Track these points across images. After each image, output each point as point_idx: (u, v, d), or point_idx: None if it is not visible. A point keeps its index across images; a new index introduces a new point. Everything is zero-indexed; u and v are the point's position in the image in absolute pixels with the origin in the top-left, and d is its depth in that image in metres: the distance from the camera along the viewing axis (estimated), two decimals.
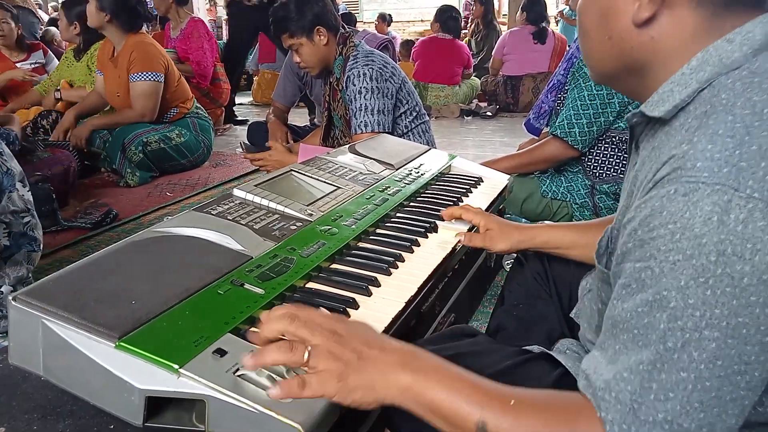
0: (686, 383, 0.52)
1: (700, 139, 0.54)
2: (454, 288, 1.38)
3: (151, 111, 3.20)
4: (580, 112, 2.10)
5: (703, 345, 0.51)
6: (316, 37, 2.19)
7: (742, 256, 0.49)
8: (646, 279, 0.54)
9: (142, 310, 0.78)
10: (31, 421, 0.78)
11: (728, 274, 0.50)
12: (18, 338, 0.79)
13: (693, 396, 0.52)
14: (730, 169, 0.51)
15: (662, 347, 0.53)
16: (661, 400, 0.52)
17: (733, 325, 0.50)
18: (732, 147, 0.52)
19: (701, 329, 0.51)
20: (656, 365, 0.53)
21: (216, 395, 0.68)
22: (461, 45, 5.58)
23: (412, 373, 0.61)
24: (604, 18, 0.66)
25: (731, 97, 0.56)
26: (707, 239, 0.50)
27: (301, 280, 0.98)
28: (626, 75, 0.68)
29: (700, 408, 0.52)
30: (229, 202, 1.18)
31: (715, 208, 0.50)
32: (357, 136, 2.18)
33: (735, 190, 0.50)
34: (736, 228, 0.49)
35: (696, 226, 0.51)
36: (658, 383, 0.53)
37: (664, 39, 0.62)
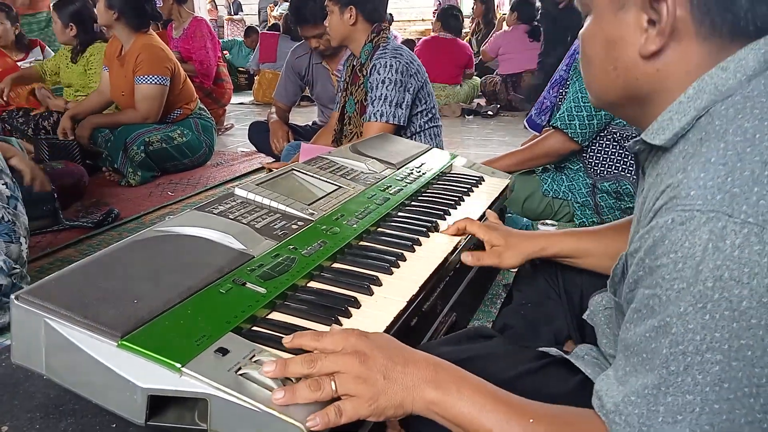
0: (693, 406, 0.52)
1: (693, 168, 0.55)
2: (455, 287, 1.38)
3: (155, 114, 3.20)
4: (581, 105, 2.10)
5: (706, 368, 0.52)
6: (347, 13, 2.23)
7: (739, 280, 0.50)
8: (654, 306, 0.55)
9: (144, 309, 0.78)
10: (34, 420, 0.78)
11: (726, 298, 0.50)
12: (20, 337, 0.79)
13: (702, 419, 0.52)
14: (723, 195, 0.52)
15: (665, 371, 0.54)
16: (669, 422, 0.53)
17: (736, 348, 0.51)
18: (724, 174, 0.53)
19: (702, 352, 0.52)
20: (660, 388, 0.54)
21: (218, 394, 0.68)
22: (463, 44, 5.58)
23: (436, 388, 0.65)
24: (610, 48, 0.65)
25: (724, 123, 0.56)
26: (704, 266, 0.51)
27: (302, 279, 0.98)
28: (629, 104, 0.68)
29: (710, 431, 0.52)
30: (231, 202, 1.18)
31: (711, 235, 0.51)
32: (369, 124, 2.19)
33: (729, 216, 0.51)
34: (733, 253, 0.50)
35: (696, 254, 0.52)
36: (665, 406, 0.54)
37: (670, 71, 0.62)
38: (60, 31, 3.39)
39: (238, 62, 7.54)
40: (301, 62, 3.17)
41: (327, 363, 0.66)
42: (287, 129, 3.15)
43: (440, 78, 5.33)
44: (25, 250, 1.68)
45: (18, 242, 1.65)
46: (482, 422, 0.62)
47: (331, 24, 2.30)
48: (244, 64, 7.31)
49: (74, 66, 3.51)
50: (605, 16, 0.65)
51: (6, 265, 1.58)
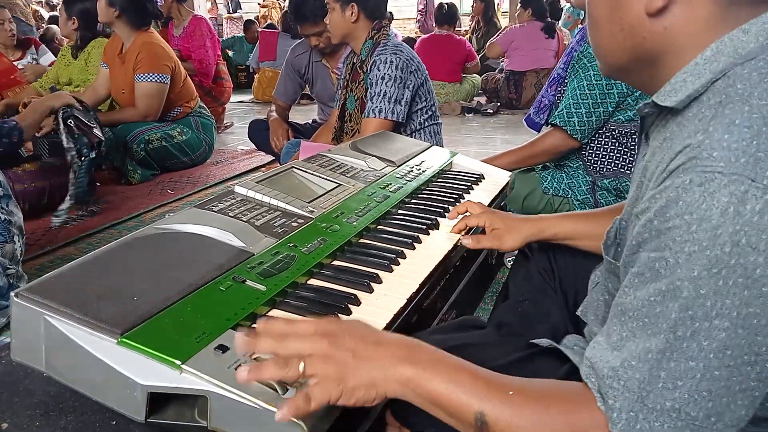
0: (695, 372, 0.52)
1: (716, 129, 0.53)
2: (455, 284, 1.38)
3: (155, 112, 3.20)
4: (579, 102, 2.11)
5: (713, 334, 0.51)
6: (348, 11, 2.23)
7: (756, 247, 0.49)
8: (661, 269, 0.54)
9: (144, 307, 0.78)
10: (34, 417, 0.78)
11: (741, 264, 0.50)
12: (20, 334, 0.79)
13: (701, 385, 0.52)
14: (747, 159, 0.50)
15: (672, 336, 0.53)
16: (669, 388, 0.53)
17: (744, 315, 0.50)
18: (749, 137, 0.51)
19: (711, 319, 0.51)
20: (665, 354, 0.53)
21: (218, 391, 0.68)
22: (459, 39, 5.57)
23: (411, 365, 0.62)
24: (615, 8, 0.64)
25: (747, 87, 0.55)
26: (722, 230, 0.50)
27: (302, 276, 0.98)
28: (638, 67, 0.67)
29: (708, 397, 0.52)
30: (231, 199, 1.18)
31: (732, 198, 0.50)
32: (368, 120, 2.18)
33: (752, 180, 0.49)
34: (752, 219, 0.49)
35: (713, 217, 0.50)
36: (666, 371, 0.53)
37: (678, 29, 0.60)
38: (63, 23, 3.41)
39: (241, 59, 7.53)
40: (301, 60, 3.16)
41: (295, 342, 0.63)
42: (287, 127, 3.15)
43: (439, 75, 5.32)
44: (19, 249, 1.67)
45: (12, 241, 1.65)
46: (459, 397, 0.60)
47: (332, 21, 2.30)
48: (246, 61, 7.30)
49: (74, 62, 3.50)
50: None
51: (1, 266, 1.58)
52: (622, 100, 2.03)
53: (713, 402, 0.52)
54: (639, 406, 0.54)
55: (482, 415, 0.59)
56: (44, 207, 2.55)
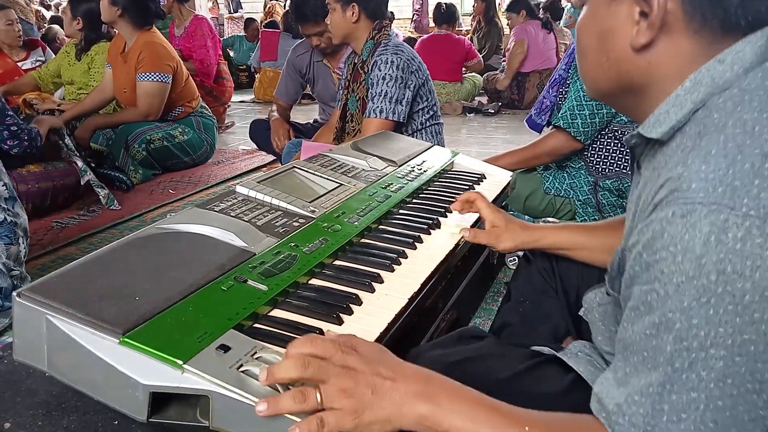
0: (697, 403, 0.52)
1: (693, 161, 0.54)
2: (456, 285, 1.38)
3: (156, 111, 3.21)
4: (583, 104, 2.11)
5: (710, 364, 0.51)
6: (349, 11, 2.23)
7: (742, 273, 0.49)
8: (653, 302, 0.55)
9: (146, 306, 0.78)
10: (36, 417, 0.78)
11: (729, 292, 0.50)
12: (22, 334, 0.79)
13: (706, 416, 0.52)
14: (724, 188, 0.51)
15: (670, 368, 0.53)
16: (674, 421, 0.53)
17: (739, 343, 0.50)
18: (725, 166, 0.52)
19: (707, 348, 0.51)
20: (665, 387, 0.53)
21: (220, 391, 0.68)
22: (459, 39, 5.56)
23: (428, 402, 0.62)
24: (603, 39, 0.66)
25: (723, 116, 0.56)
26: (707, 259, 0.50)
27: (304, 276, 0.98)
28: (623, 95, 0.68)
29: (714, 428, 0.52)
30: (232, 199, 1.18)
31: (713, 228, 0.50)
32: (369, 121, 2.18)
33: (731, 209, 0.50)
34: (735, 246, 0.50)
35: (696, 247, 0.51)
36: (669, 405, 0.53)
37: (662, 63, 0.62)
38: (68, 22, 3.41)
39: (242, 59, 7.53)
40: (302, 60, 3.16)
41: (317, 370, 0.63)
42: (288, 127, 3.15)
43: (440, 75, 5.32)
44: (23, 251, 1.67)
45: (17, 243, 1.65)
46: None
47: (333, 22, 2.30)
48: (247, 60, 7.30)
49: (77, 63, 3.51)
50: (599, 7, 0.65)
51: (5, 267, 1.58)
52: None
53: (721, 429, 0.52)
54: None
55: None
56: (47, 208, 2.56)
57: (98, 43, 3.44)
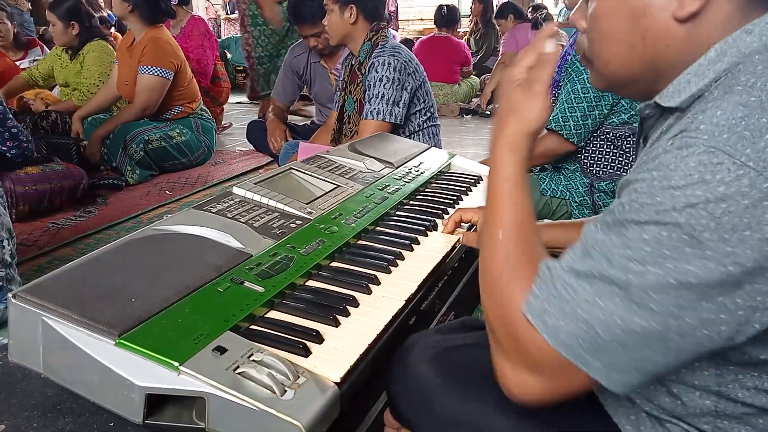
0: (616, 297, 0.54)
1: (711, 107, 0.55)
2: (454, 286, 1.38)
3: (152, 105, 3.21)
4: (575, 105, 2.12)
5: (644, 276, 0.53)
6: (347, 12, 2.23)
7: (712, 213, 0.50)
8: (615, 210, 0.57)
9: (142, 308, 0.78)
10: (31, 419, 0.78)
11: (691, 225, 0.51)
12: (18, 336, 0.79)
13: (617, 311, 0.54)
14: (730, 135, 0.51)
15: (605, 262, 0.55)
16: (588, 302, 0.56)
17: (680, 270, 0.51)
18: (740, 116, 0.52)
19: (646, 263, 0.53)
20: (594, 272, 0.56)
21: (216, 393, 0.68)
22: (458, 42, 5.57)
23: (505, 144, 0.83)
24: (637, 18, 0.63)
25: (752, 77, 0.55)
26: (680, 192, 0.51)
27: (301, 278, 0.98)
28: (645, 77, 0.66)
29: (620, 325, 0.54)
30: (229, 200, 1.17)
31: (699, 166, 0.51)
32: (366, 122, 2.18)
33: (729, 156, 0.50)
34: (717, 188, 0.50)
35: (674, 178, 0.52)
36: (592, 286, 0.56)
37: (702, 33, 0.60)
38: (61, 32, 3.33)
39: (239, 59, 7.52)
40: (299, 61, 3.16)
41: None
42: (285, 128, 3.15)
43: (438, 77, 5.32)
44: (8, 252, 1.65)
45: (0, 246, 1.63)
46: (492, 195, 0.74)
47: (330, 23, 2.30)
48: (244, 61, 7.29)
49: (71, 64, 3.49)
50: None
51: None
52: (616, 102, 2.04)
53: (624, 333, 0.54)
54: (556, 303, 0.58)
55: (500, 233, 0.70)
56: (44, 210, 2.56)
57: (90, 42, 3.43)
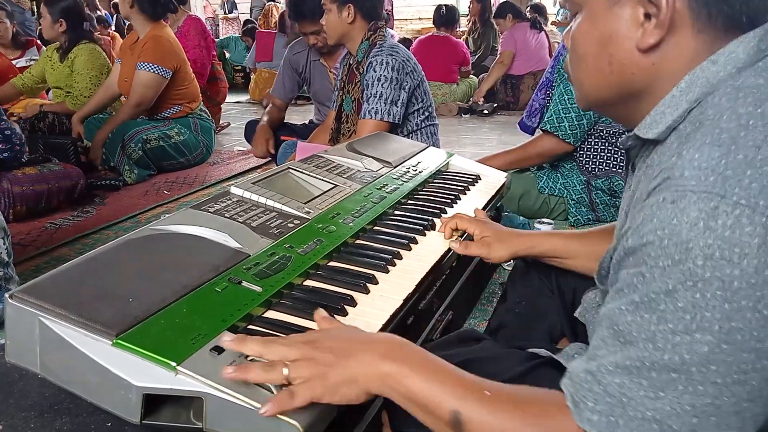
0: (677, 384, 0.51)
1: (688, 150, 0.55)
2: (452, 285, 1.38)
3: (147, 102, 3.21)
4: (568, 106, 2.12)
5: (694, 348, 0.50)
6: (345, 11, 2.23)
7: (730, 260, 0.49)
8: (637, 284, 0.54)
9: (140, 308, 0.78)
10: (29, 419, 0.78)
11: (718, 277, 0.49)
12: (15, 336, 0.78)
13: (684, 398, 0.51)
14: (716, 177, 0.52)
15: (651, 346, 0.52)
16: (651, 397, 0.52)
17: (727, 330, 0.50)
18: (718, 156, 0.53)
19: (692, 332, 0.51)
20: (645, 363, 0.53)
21: (213, 393, 0.68)
22: (457, 42, 5.57)
23: (392, 362, 0.64)
24: (604, 44, 0.65)
25: (717, 111, 0.57)
26: (693, 244, 0.50)
27: (298, 277, 0.98)
28: (620, 101, 0.68)
29: (692, 412, 0.51)
30: (227, 200, 1.17)
31: (701, 214, 0.51)
32: (364, 122, 2.18)
33: (722, 197, 0.50)
34: (724, 233, 0.50)
35: (683, 231, 0.51)
36: (648, 380, 0.52)
37: (665, 64, 0.62)
38: (48, 26, 3.36)
39: (237, 59, 7.52)
40: (299, 59, 3.16)
41: (280, 348, 0.68)
42: (272, 135, 3.05)
43: (436, 76, 5.32)
44: (4, 251, 1.64)
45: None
46: (436, 395, 0.61)
47: (328, 22, 2.30)
48: (242, 61, 7.29)
49: (61, 66, 3.46)
50: (599, 12, 0.65)
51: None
52: None
53: (698, 419, 0.51)
54: (620, 411, 0.53)
55: (458, 414, 0.59)
56: (42, 210, 2.55)
57: (79, 45, 3.41)
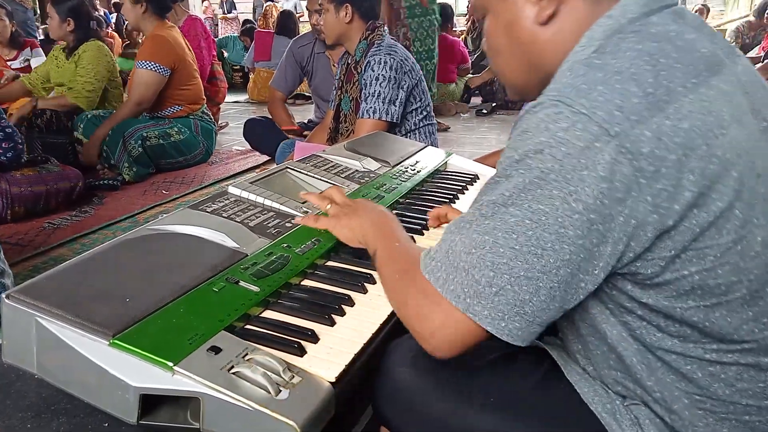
0: (485, 244, 0.62)
1: (562, 72, 0.65)
2: None
3: (147, 100, 3.20)
4: None
5: (505, 218, 0.61)
6: (342, 11, 2.23)
7: (554, 156, 0.58)
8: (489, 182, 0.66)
9: (137, 308, 0.78)
10: (26, 420, 0.78)
11: (539, 167, 0.59)
12: (11, 336, 0.78)
13: (487, 256, 0.62)
14: (571, 89, 0.60)
15: (478, 213, 0.64)
16: (465, 252, 0.64)
17: (534, 210, 0.59)
18: (582, 74, 0.61)
19: (507, 205, 0.61)
20: (469, 224, 0.65)
21: (211, 393, 0.68)
22: (454, 40, 5.57)
23: (371, 227, 0.95)
24: (510, 31, 0.74)
25: (611, 50, 0.64)
26: (531, 139, 0.60)
27: (296, 277, 0.97)
28: (543, 79, 0.73)
29: (491, 267, 0.61)
30: (225, 200, 1.17)
31: (545, 116, 0.60)
32: (362, 121, 2.18)
33: (568, 105, 0.59)
34: (557, 133, 0.59)
35: (530, 129, 0.61)
36: (468, 239, 0.64)
37: (565, 30, 0.70)
38: (57, 26, 3.35)
39: (236, 59, 7.51)
40: (303, 51, 3.17)
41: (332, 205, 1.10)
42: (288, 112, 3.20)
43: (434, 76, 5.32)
44: None
45: None
46: (377, 242, 0.90)
47: (326, 22, 2.30)
48: (241, 61, 7.29)
49: (66, 64, 3.46)
50: (498, 6, 0.74)
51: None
52: None
53: (495, 273, 0.61)
54: (443, 259, 0.66)
55: (375, 251, 0.88)
56: (40, 211, 2.55)
57: (87, 42, 3.41)
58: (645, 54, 0.61)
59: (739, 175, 0.59)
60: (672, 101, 0.58)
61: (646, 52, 0.61)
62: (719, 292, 0.61)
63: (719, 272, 0.60)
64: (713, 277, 0.61)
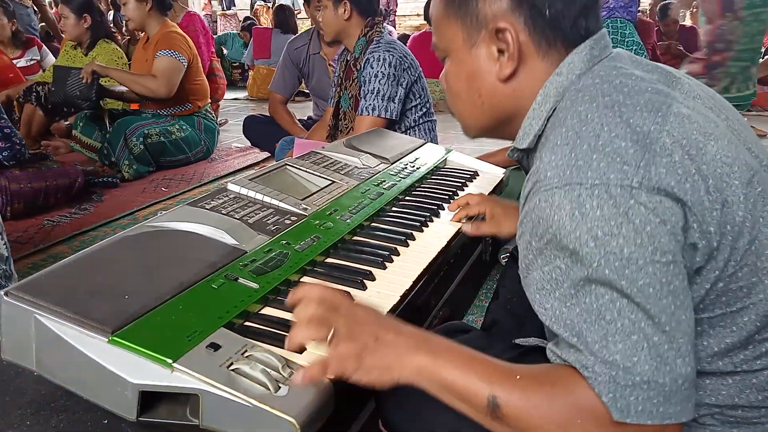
0: (640, 343, 0.56)
1: (545, 153, 0.63)
2: (449, 282, 1.38)
3: (169, 88, 3.12)
4: None
5: (632, 309, 0.56)
6: (341, 8, 2.23)
7: (611, 233, 0.56)
8: (557, 277, 0.60)
9: (136, 305, 0.78)
10: (25, 417, 0.78)
11: (610, 252, 0.56)
12: (10, 333, 0.78)
13: (651, 351, 0.56)
14: (571, 170, 0.59)
15: (604, 322, 0.57)
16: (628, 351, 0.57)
17: (640, 286, 0.56)
18: (568, 152, 0.61)
19: (625, 297, 0.56)
20: (608, 338, 0.57)
21: (210, 389, 0.68)
22: None
23: (426, 354, 0.65)
24: (472, 80, 0.76)
25: (563, 113, 0.66)
26: (580, 231, 0.57)
27: (295, 274, 0.97)
28: (498, 125, 0.79)
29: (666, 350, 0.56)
30: (224, 197, 1.17)
31: (572, 204, 0.58)
32: (361, 118, 2.18)
33: (580, 184, 0.58)
34: (595, 214, 0.57)
35: (566, 224, 0.58)
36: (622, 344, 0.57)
37: (524, 88, 0.73)
38: (73, 25, 3.33)
39: (235, 56, 7.50)
40: (299, 53, 3.16)
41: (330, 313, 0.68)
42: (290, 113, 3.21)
43: (432, 73, 5.27)
44: (3, 248, 1.63)
45: None
46: (472, 382, 0.62)
47: (325, 19, 2.29)
48: (240, 58, 7.28)
49: (85, 58, 3.43)
50: (462, 55, 0.76)
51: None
52: None
53: None
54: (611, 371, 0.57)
55: (494, 399, 0.61)
56: (39, 207, 2.55)
57: (101, 43, 3.42)
58: (607, 110, 0.62)
59: (740, 180, 0.61)
60: (654, 141, 0.59)
61: (608, 107, 0.63)
62: (742, 294, 0.62)
63: (740, 275, 0.62)
64: (735, 281, 0.62)
